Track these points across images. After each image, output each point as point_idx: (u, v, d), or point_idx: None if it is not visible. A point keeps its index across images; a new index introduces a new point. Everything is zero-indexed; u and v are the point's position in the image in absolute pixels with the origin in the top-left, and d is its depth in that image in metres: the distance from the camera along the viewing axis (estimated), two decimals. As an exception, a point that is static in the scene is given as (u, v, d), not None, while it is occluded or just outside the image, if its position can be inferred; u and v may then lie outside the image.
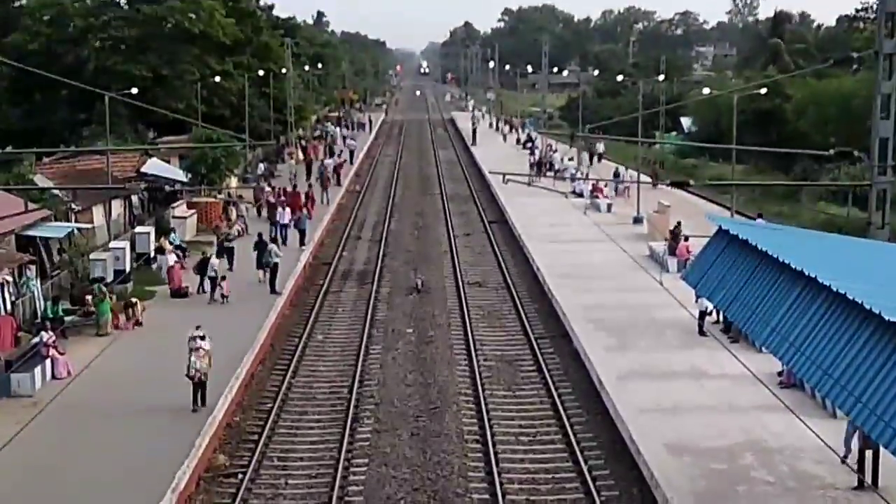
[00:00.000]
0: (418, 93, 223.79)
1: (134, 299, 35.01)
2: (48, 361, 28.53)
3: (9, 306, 32.27)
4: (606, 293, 38.18)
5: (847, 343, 13.95)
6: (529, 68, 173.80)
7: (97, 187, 46.24)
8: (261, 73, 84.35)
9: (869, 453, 20.26)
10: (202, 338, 26.68)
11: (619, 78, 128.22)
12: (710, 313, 31.77)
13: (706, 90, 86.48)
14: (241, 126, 72.19)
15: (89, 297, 33.98)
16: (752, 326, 17.12)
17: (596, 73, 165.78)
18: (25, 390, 26.99)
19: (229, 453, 24.57)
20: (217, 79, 77.44)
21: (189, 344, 26.55)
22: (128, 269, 37.86)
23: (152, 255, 42.04)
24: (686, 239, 41.47)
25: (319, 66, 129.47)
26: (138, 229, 45.21)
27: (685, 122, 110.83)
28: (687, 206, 54.35)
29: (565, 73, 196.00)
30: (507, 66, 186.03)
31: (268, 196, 57.48)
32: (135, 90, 61.33)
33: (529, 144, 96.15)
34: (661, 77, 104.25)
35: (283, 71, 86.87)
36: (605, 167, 74.42)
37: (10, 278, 33.01)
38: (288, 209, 50.26)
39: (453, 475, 23.10)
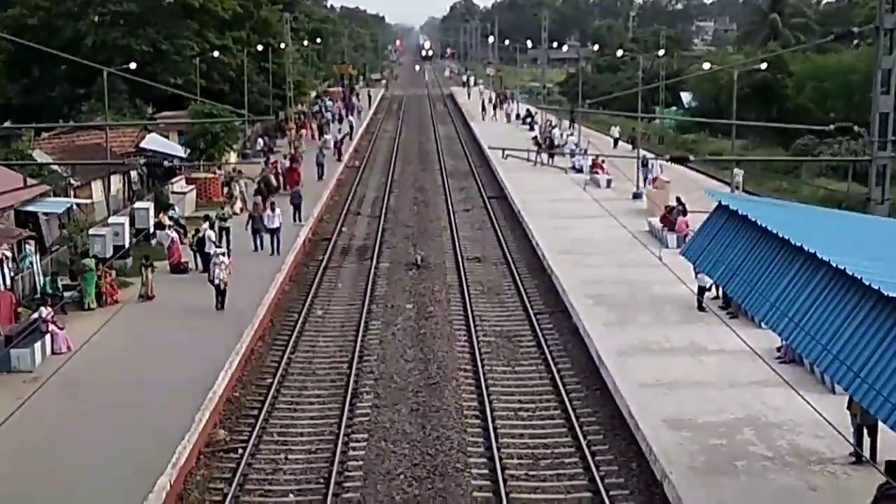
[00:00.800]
0: (417, 68, 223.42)
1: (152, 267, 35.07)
2: (48, 337, 28.57)
3: (8, 282, 32.28)
4: (606, 269, 38.20)
5: (846, 318, 13.97)
6: (529, 43, 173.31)
7: (96, 163, 46.24)
8: (260, 47, 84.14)
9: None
10: (223, 254, 34.68)
11: (619, 53, 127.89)
12: (710, 289, 31.76)
13: (706, 65, 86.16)
14: (241, 101, 72.05)
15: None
16: (751, 302, 17.12)
17: (596, 48, 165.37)
18: (25, 366, 27.02)
19: (229, 428, 24.62)
20: (216, 54, 77.26)
21: (213, 259, 34.04)
22: (127, 245, 37.87)
23: (151, 230, 42.04)
24: (685, 213, 41.50)
25: (318, 41, 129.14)
26: (137, 205, 45.19)
27: (685, 97, 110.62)
28: (687, 182, 54.40)
29: (565, 48, 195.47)
30: (507, 42, 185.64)
31: (266, 172, 57.46)
32: (133, 65, 61.17)
33: (529, 120, 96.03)
34: (661, 52, 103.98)
35: (282, 46, 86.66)
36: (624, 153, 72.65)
37: (9, 254, 33.02)
38: (278, 210, 42.49)
39: (453, 450, 23.14)
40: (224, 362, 27.18)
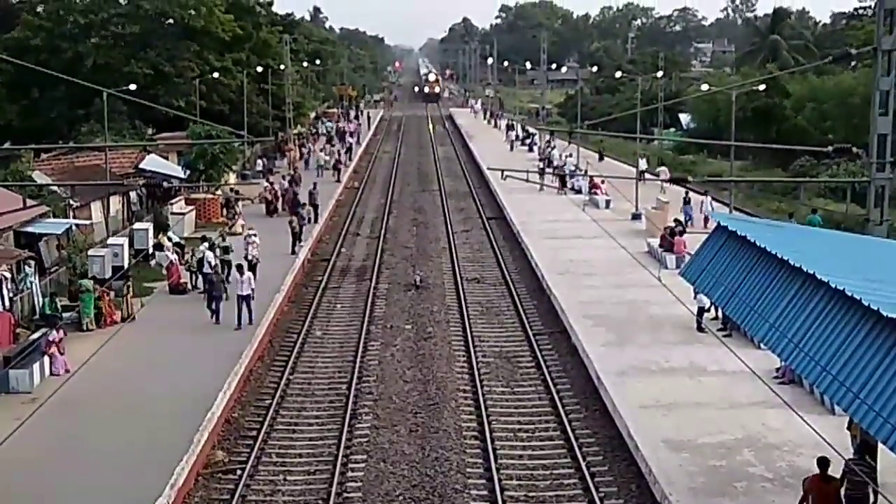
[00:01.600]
0: (416, 89, 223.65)
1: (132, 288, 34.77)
2: (46, 359, 28.54)
3: (7, 303, 32.22)
4: (605, 289, 38.18)
5: (845, 339, 13.97)
6: (528, 65, 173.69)
7: (95, 184, 46.26)
8: (259, 69, 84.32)
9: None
10: (255, 235, 40.69)
11: (618, 74, 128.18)
12: (709, 309, 31.73)
13: (705, 87, 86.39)
14: (241, 122, 72.12)
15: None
16: (750, 322, 17.11)
17: (594, 69, 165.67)
18: (24, 387, 26.98)
19: (228, 449, 24.58)
20: (216, 75, 77.42)
21: (246, 240, 40.62)
22: (126, 266, 37.73)
23: (150, 251, 42.01)
24: (681, 234, 41.54)
25: (318, 62, 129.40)
26: (137, 226, 45.21)
27: (684, 118, 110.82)
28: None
29: (564, 69, 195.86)
30: (506, 63, 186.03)
31: (265, 193, 57.55)
32: (134, 86, 61.29)
33: (528, 141, 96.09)
34: (660, 73, 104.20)
35: (282, 67, 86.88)
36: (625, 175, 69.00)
37: (8, 274, 32.95)
38: (248, 274, 34.54)
39: (452, 471, 23.10)
40: (223, 383, 27.15)
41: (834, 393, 13.86)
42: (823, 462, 17.86)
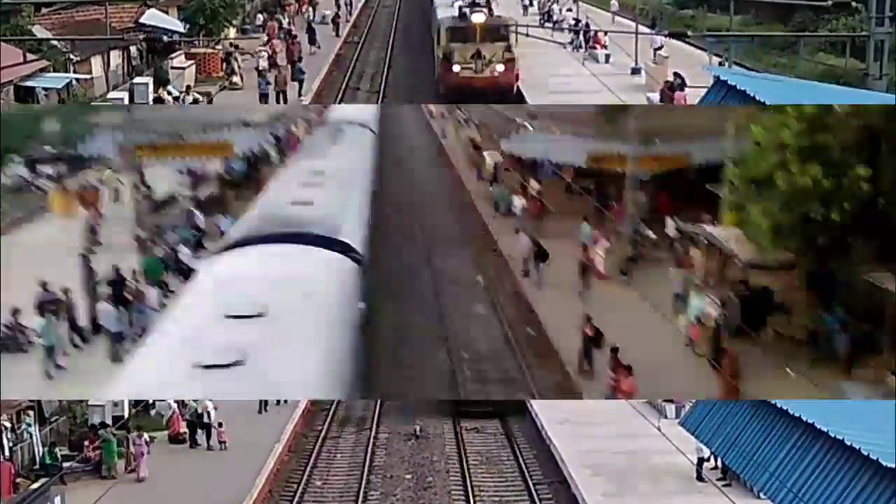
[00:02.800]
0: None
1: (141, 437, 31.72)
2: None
3: (6, 452, 30.46)
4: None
5: (845, 489, 14.10)
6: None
7: (95, 38, 46.23)
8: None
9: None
10: (263, 49, 47.18)
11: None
12: (709, 459, 29.56)
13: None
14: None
15: (86, 443, 31.73)
16: (750, 471, 17.06)
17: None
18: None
19: None
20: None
21: (256, 55, 47.65)
22: (126, 416, 34.01)
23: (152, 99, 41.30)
24: (682, 88, 41.61)
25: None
26: (137, 80, 45.32)
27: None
28: (685, 57, 54.33)
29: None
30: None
31: (267, 49, 57.35)
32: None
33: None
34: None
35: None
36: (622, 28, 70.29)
37: (7, 424, 31.13)
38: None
39: None
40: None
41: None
42: None
